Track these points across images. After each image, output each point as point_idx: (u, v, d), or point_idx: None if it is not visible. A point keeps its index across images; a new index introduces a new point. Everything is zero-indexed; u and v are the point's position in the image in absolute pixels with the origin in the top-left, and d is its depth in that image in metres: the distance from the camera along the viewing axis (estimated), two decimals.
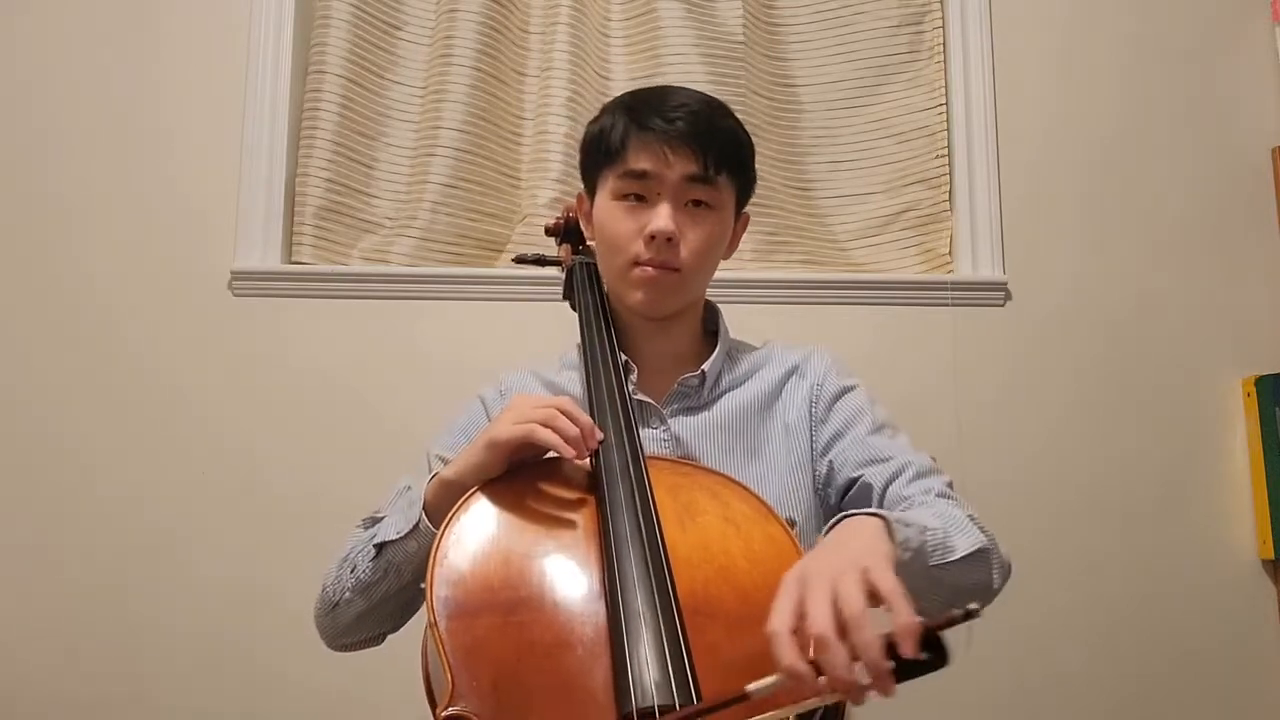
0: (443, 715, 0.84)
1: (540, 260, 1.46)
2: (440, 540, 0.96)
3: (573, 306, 1.31)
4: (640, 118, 1.17)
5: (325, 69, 2.15)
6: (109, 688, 1.93)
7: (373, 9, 2.21)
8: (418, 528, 1.05)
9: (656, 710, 0.81)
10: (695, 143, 1.15)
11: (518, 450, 1.03)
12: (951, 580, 0.96)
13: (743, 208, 1.26)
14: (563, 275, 1.38)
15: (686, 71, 2.17)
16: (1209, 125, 2.24)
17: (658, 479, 1.03)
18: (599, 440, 1.04)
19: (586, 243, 1.36)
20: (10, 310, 2.05)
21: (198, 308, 2.06)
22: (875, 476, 1.13)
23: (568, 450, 1.00)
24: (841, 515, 0.92)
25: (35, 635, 1.95)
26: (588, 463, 1.05)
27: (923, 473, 1.12)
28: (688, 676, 0.84)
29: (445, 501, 1.04)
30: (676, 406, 1.21)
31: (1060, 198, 2.20)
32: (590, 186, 1.25)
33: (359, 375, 2.05)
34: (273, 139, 2.11)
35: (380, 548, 1.08)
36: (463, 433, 1.23)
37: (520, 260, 1.49)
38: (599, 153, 1.21)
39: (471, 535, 0.97)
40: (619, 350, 1.20)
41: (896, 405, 1.28)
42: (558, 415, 1.02)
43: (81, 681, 1.93)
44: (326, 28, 2.17)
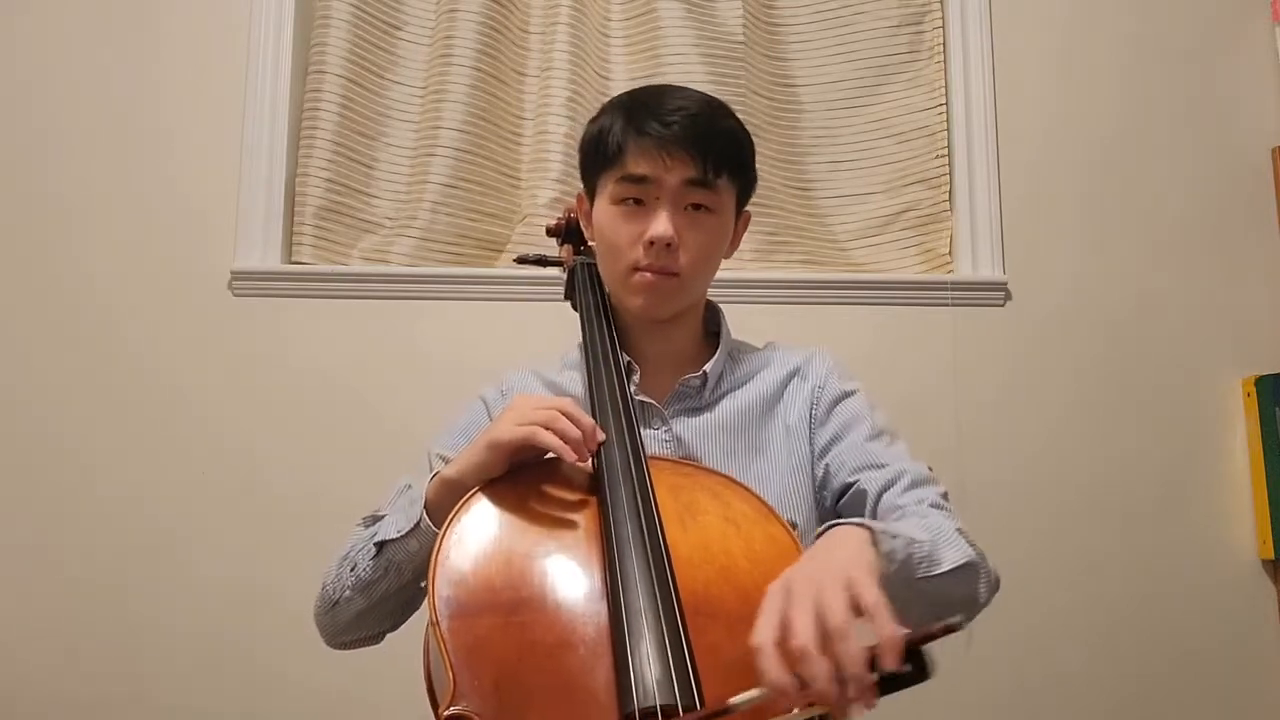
0: (444, 715, 0.84)
1: (542, 261, 1.45)
2: (442, 540, 0.96)
3: (574, 307, 1.31)
4: (638, 121, 1.16)
5: (325, 69, 2.15)
6: (109, 688, 1.93)
7: (373, 9, 2.21)
8: (418, 526, 1.05)
9: (658, 710, 0.81)
10: (693, 146, 1.14)
11: (519, 451, 1.03)
12: (937, 593, 0.96)
13: (743, 207, 1.25)
14: (564, 276, 1.38)
15: (686, 71, 2.17)
16: (1209, 125, 2.24)
17: (659, 479, 1.03)
18: (600, 441, 1.04)
19: (587, 243, 1.35)
20: (10, 310, 2.05)
21: (198, 308, 2.06)
22: (870, 483, 1.13)
23: (569, 453, 1.00)
24: (828, 525, 0.92)
25: (35, 635, 1.95)
26: (590, 463, 1.04)
27: (918, 482, 1.12)
28: (689, 676, 0.83)
29: (446, 500, 1.04)
30: (678, 407, 1.21)
31: (1060, 198, 2.20)
32: (590, 188, 1.24)
33: (359, 375, 2.05)
34: (273, 139, 2.11)
35: (381, 546, 1.07)
36: (463, 433, 1.22)
37: (522, 261, 1.49)
38: (597, 155, 1.20)
39: (473, 535, 0.97)
40: (621, 351, 1.20)
41: (896, 405, 1.28)
42: (560, 417, 1.02)
43: (81, 681, 1.93)
44: (326, 28, 2.17)
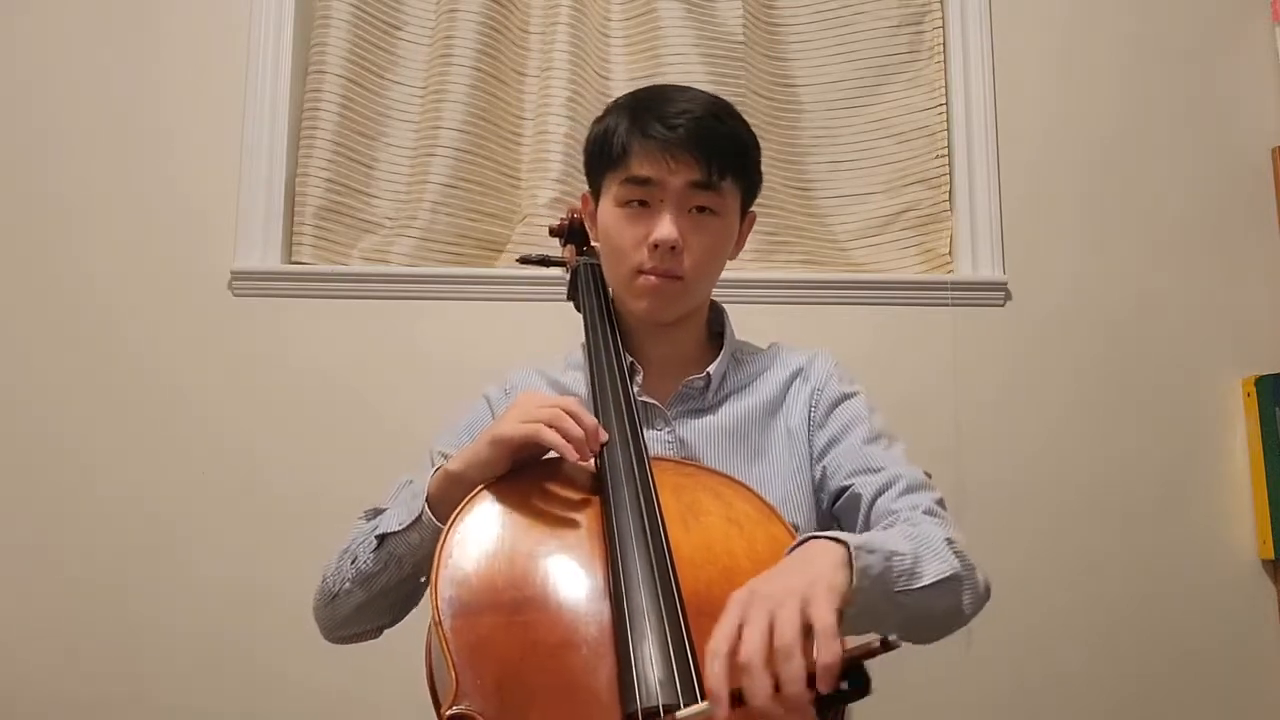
0: (447, 714, 0.84)
1: (545, 261, 1.45)
2: (445, 539, 0.96)
3: (577, 307, 1.31)
4: (643, 123, 1.16)
5: (325, 69, 2.15)
6: (109, 688, 1.93)
7: (373, 9, 2.21)
8: (420, 520, 1.05)
9: (661, 710, 0.80)
10: (698, 149, 1.14)
11: (522, 448, 1.03)
12: (916, 605, 0.94)
13: (748, 208, 1.26)
14: (567, 276, 1.38)
15: (686, 71, 2.17)
16: (1209, 125, 2.24)
17: (661, 479, 1.03)
18: (603, 441, 1.04)
19: (590, 244, 1.35)
20: (10, 310, 2.05)
21: (198, 308, 2.06)
22: (865, 487, 1.13)
23: (571, 453, 1.00)
24: (807, 537, 0.91)
25: (35, 635, 1.95)
26: (592, 463, 1.04)
27: (913, 487, 1.11)
28: (692, 676, 0.83)
29: (448, 495, 1.04)
30: (681, 408, 1.21)
31: (1060, 198, 2.20)
32: (594, 188, 1.24)
33: (359, 375, 2.05)
34: (273, 139, 2.11)
35: (382, 539, 1.08)
36: (466, 431, 1.23)
37: (525, 261, 1.49)
38: (602, 156, 1.20)
39: (476, 535, 0.97)
40: (624, 352, 1.19)
41: (896, 405, 1.28)
42: (563, 416, 1.02)
43: (81, 681, 1.93)
44: (326, 28, 2.17)
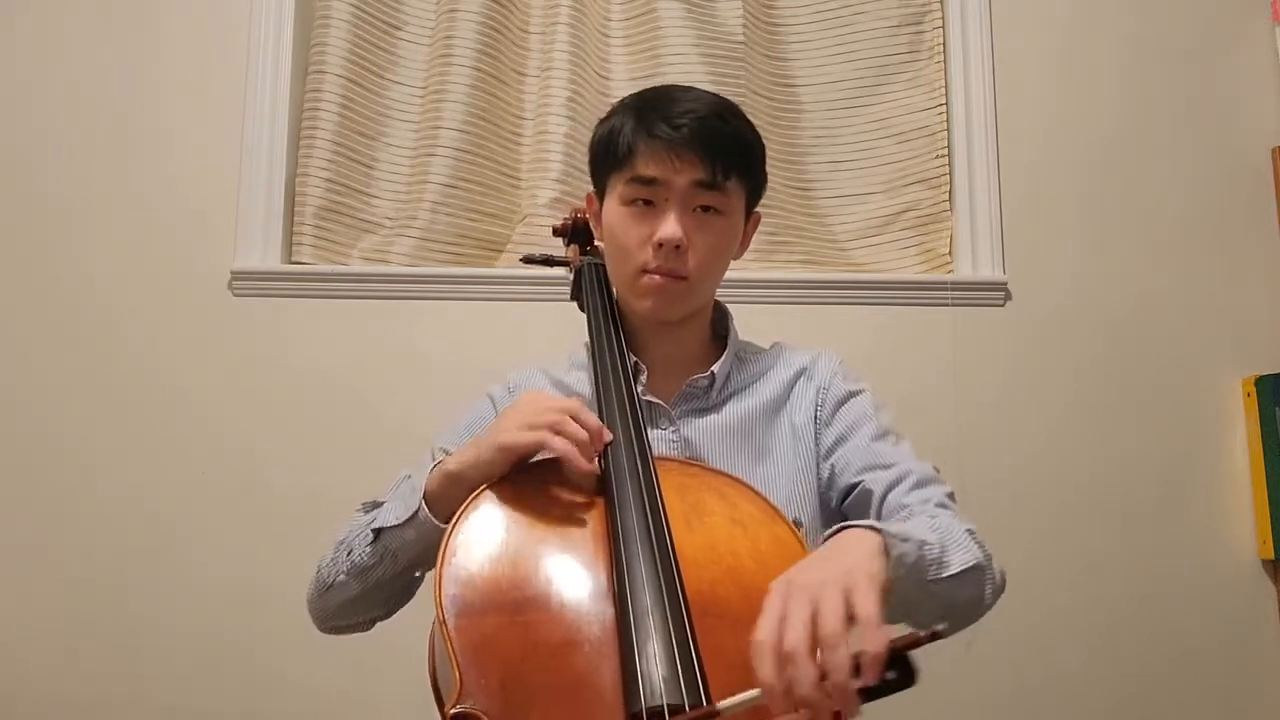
0: (451, 713, 0.84)
1: (549, 260, 1.45)
2: (449, 538, 0.96)
3: (581, 307, 1.31)
4: (647, 123, 1.16)
5: (325, 69, 2.15)
6: (109, 688, 1.93)
7: (373, 9, 2.21)
8: (416, 516, 1.05)
9: (666, 710, 0.81)
10: (702, 149, 1.15)
11: (527, 457, 1.03)
12: (944, 594, 0.95)
13: (753, 208, 1.26)
14: (570, 276, 1.37)
15: (686, 71, 2.17)
16: (1209, 125, 2.24)
17: (665, 479, 1.03)
18: (607, 441, 1.04)
19: (595, 243, 1.35)
20: (10, 310, 2.05)
21: (198, 308, 2.06)
22: (875, 483, 1.13)
23: (579, 461, 1.00)
24: (841, 526, 0.91)
25: (35, 635, 1.94)
26: (596, 463, 1.04)
27: (923, 481, 1.12)
28: (697, 676, 0.83)
29: (446, 494, 1.04)
30: (685, 408, 1.21)
31: (1060, 198, 2.20)
32: (599, 188, 1.25)
33: (359, 375, 2.05)
34: (273, 139, 2.11)
35: (378, 533, 1.08)
36: (468, 429, 1.23)
37: (529, 260, 1.49)
38: (607, 156, 1.20)
39: (480, 533, 0.97)
40: (628, 352, 1.20)
41: (896, 405, 1.28)
42: (568, 421, 1.02)
43: (81, 681, 1.93)
44: (326, 28, 2.17)
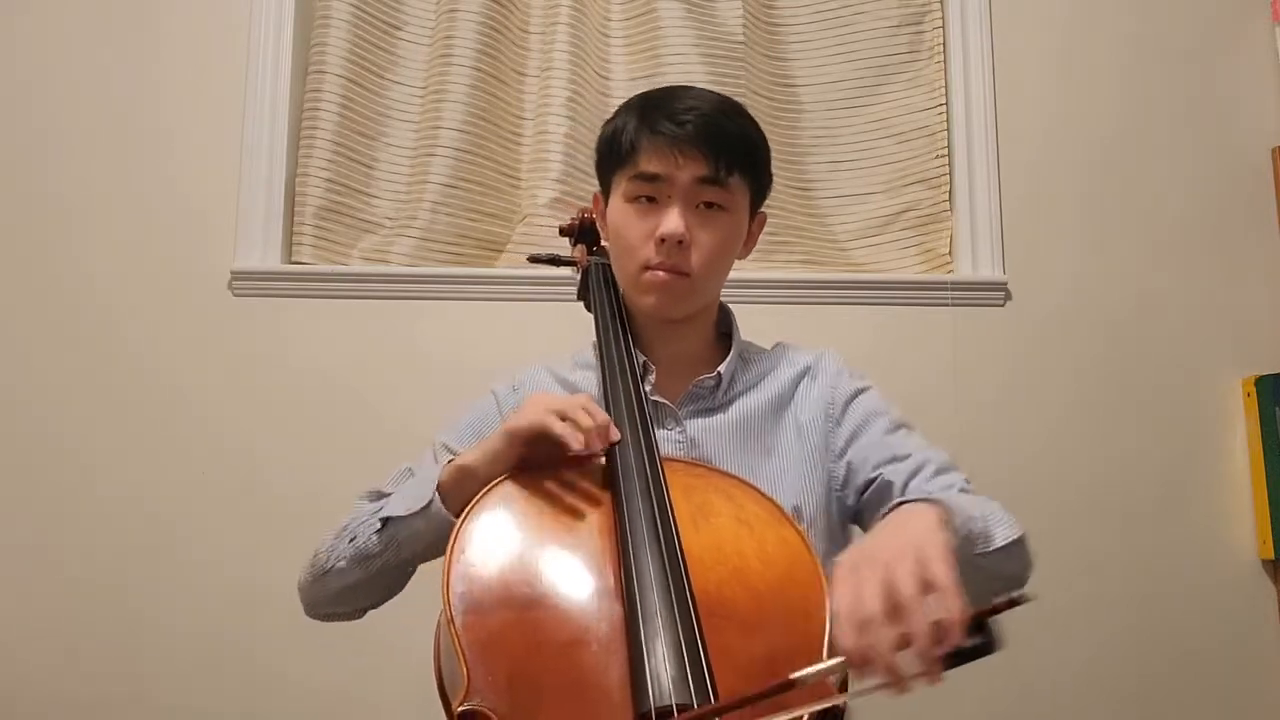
0: (458, 710, 0.84)
1: (555, 260, 1.45)
2: (457, 536, 0.96)
3: (587, 307, 1.31)
4: (651, 120, 1.17)
5: (325, 69, 2.15)
6: (109, 688, 1.93)
7: (373, 9, 2.21)
8: (428, 508, 1.05)
9: (674, 709, 0.80)
10: (705, 145, 1.16)
11: (532, 439, 1.03)
12: (990, 568, 0.98)
13: (758, 207, 1.27)
14: (577, 276, 1.38)
15: (686, 71, 2.16)
16: (1209, 125, 2.24)
17: (672, 480, 1.03)
18: (615, 440, 1.04)
19: (601, 243, 1.36)
20: (10, 310, 2.04)
21: (198, 308, 2.05)
22: (895, 474, 1.14)
23: (579, 440, 1.00)
24: (899, 501, 0.93)
25: (35, 635, 1.94)
26: (603, 462, 1.05)
27: (943, 469, 1.13)
28: (705, 675, 0.84)
29: (456, 487, 1.05)
30: (692, 408, 1.21)
31: (1060, 198, 2.20)
32: (604, 187, 1.25)
33: (359, 375, 2.05)
34: (273, 139, 2.11)
35: (386, 521, 1.08)
36: (470, 425, 1.24)
37: (535, 260, 1.49)
38: (612, 154, 1.21)
39: (488, 532, 0.97)
40: (636, 351, 1.20)
41: (896, 405, 1.28)
42: (575, 408, 1.03)
43: (81, 681, 1.93)
44: (326, 28, 2.16)
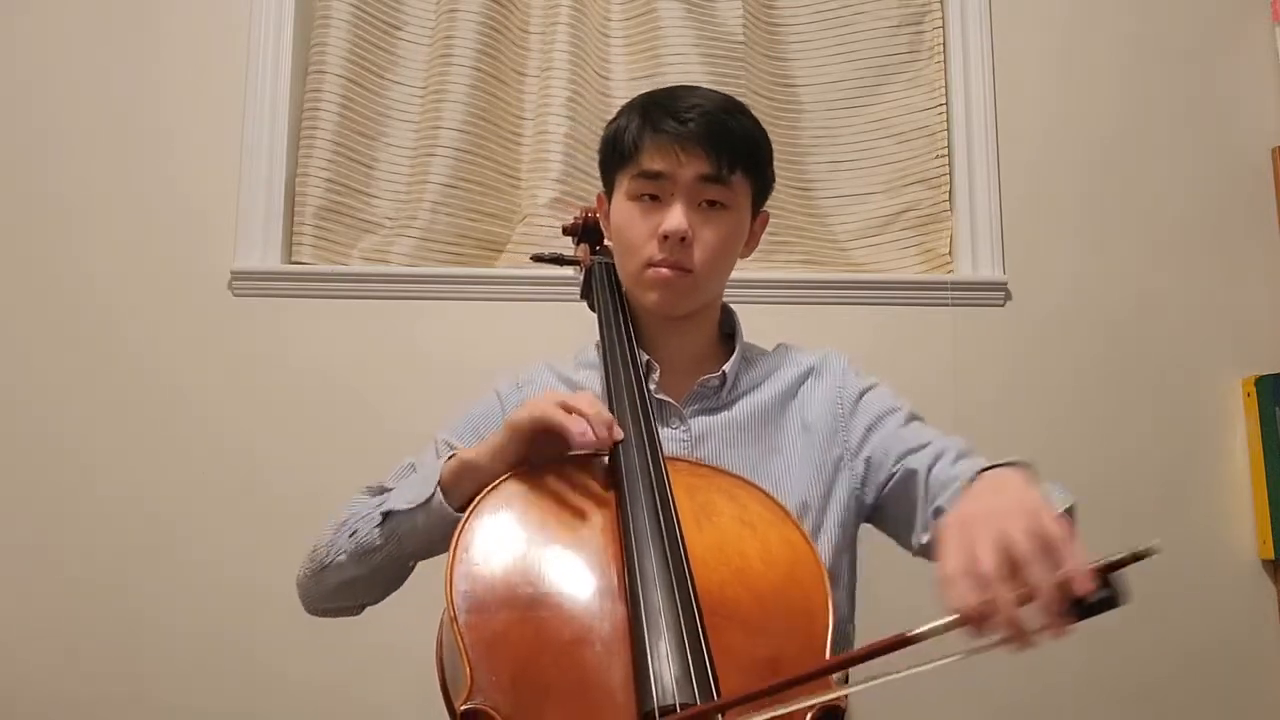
0: (461, 709, 0.84)
1: (559, 259, 1.46)
2: (460, 535, 0.96)
3: (591, 306, 1.31)
4: (654, 119, 1.18)
5: (325, 69, 2.15)
6: (109, 688, 1.93)
7: (373, 9, 2.21)
8: (430, 502, 1.05)
9: (678, 707, 0.81)
10: (708, 143, 1.16)
11: (535, 432, 1.03)
12: None
13: (761, 206, 1.27)
14: (580, 275, 1.38)
15: (686, 71, 2.16)
16: (1209, 125, 2.24)
17: (675, 479, 1.03)
18: (619, 439, 1.04)
19: (605, 243, 1.36)
20: (10, 310, 2.04)
21: (198, 308, 2.05)
22: (917, 462, 1.15)
23: (583, 430, 1.00)
24: (983, 468, 0.92)
25: (35, 635, 1.94)
26: (606, 461, 1.05)
27: (965, 453, 1.15)
28: (708, 675, 0.84)
29: (458, 482, 1.05)
30: (696, 407, 1.21)
31: (1060, 198, 2.20)
32: (608, 186, 1.26)
33: (359, 375, 2.05)
34: (273, 139, 2.11)
35: (387, 515, 1.08)
36: (473, 423, 1.24)
37: (539, 259, 1.49)
38: (615, 153, 1.22)
39: (492, 531, 0.97)
40: (640, 350, 1.20)
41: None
42: (578, 401, 1.03)
43: (81, 681, 1.93)
44: (326, 28, 2.16)
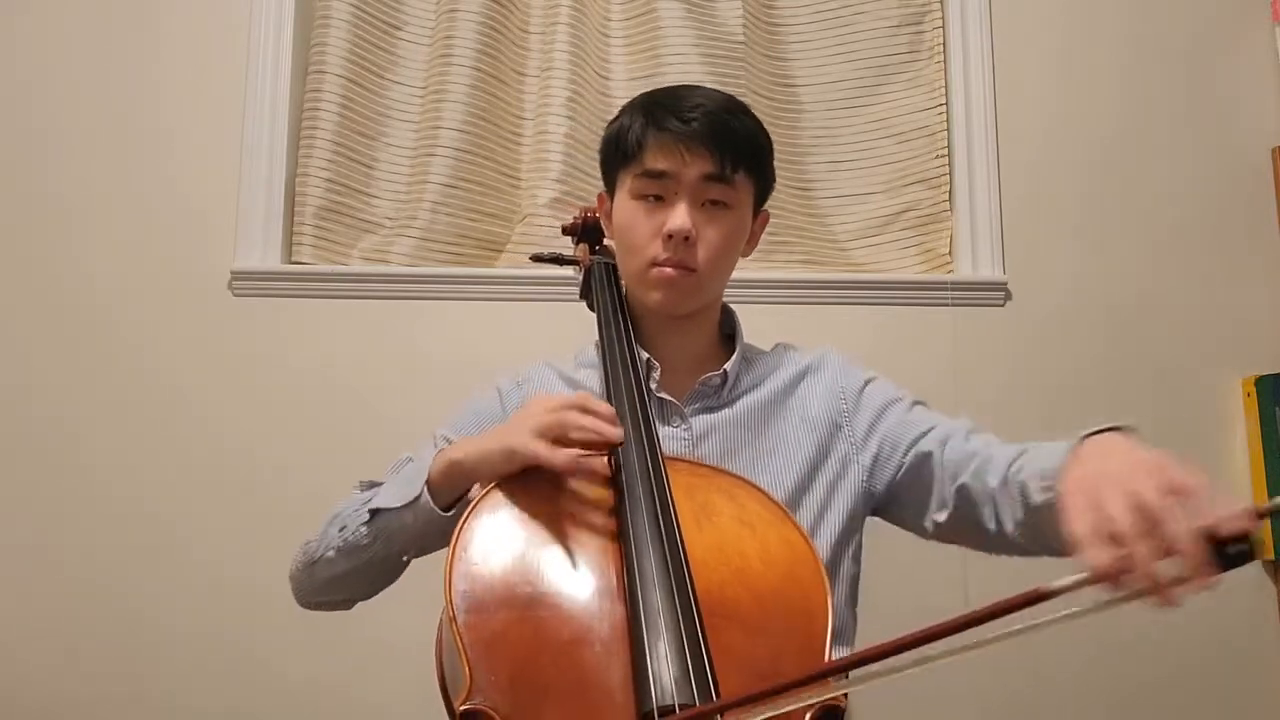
0: (460, 709, 0.84)
1: (558, 259, 1.45)
2: (459, 534, 0.96)
3: (590, 306, 1.31)
4: (657, 118, 1.18)
5: (325, 69, 2.15)
6: (109, 688, 1.93)
7: (373, 9, 2.21)
8: (417, 501, 1.05)
9: (677, 708, 0.81)
10: (712, 143, 1.16)
11: (524, 465, 1.02)
12: None
13: (762, 205, 1.27)
14: (580, 275, 1.38)
15: (686, 71, 2.16)
16: (1209, 125, 2.24)
17: (675, 479, 1.03)
18: (618, 442, 1.03)
19: (604, 242, 1.36)
20: (10, 310, 2.04)
21: (198, 308, 2.05)
22: (928, 445, 1.16)
23: (570, 465, 1.00)
24: (1087, 434, 0.91)
25: (35, 635, 1.94)
26: (606, 460, 1.05)
27: (975, 430, 1.15)
28: (707, 675, 0.84)
29: (449, 481, 1.04)
30: (698, 405, 1.21)
31: (1060, 198, 2.20)
32: (609, 185, 1.26)
33: (359, 375, 2.05)
34: (273, 139, 2.11)
35: (375, 513, 1.08)
36: (472, 419, 1.24)
37: (538, 259, 1.49)
38: (617, 152, 1.22)
39: (491, 530, 0.97)
40: (641, 348, 1.20)
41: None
42: (571, 426, 1.01)
43: (81, 681, 1.93)
44: (326, 28, 2.16)
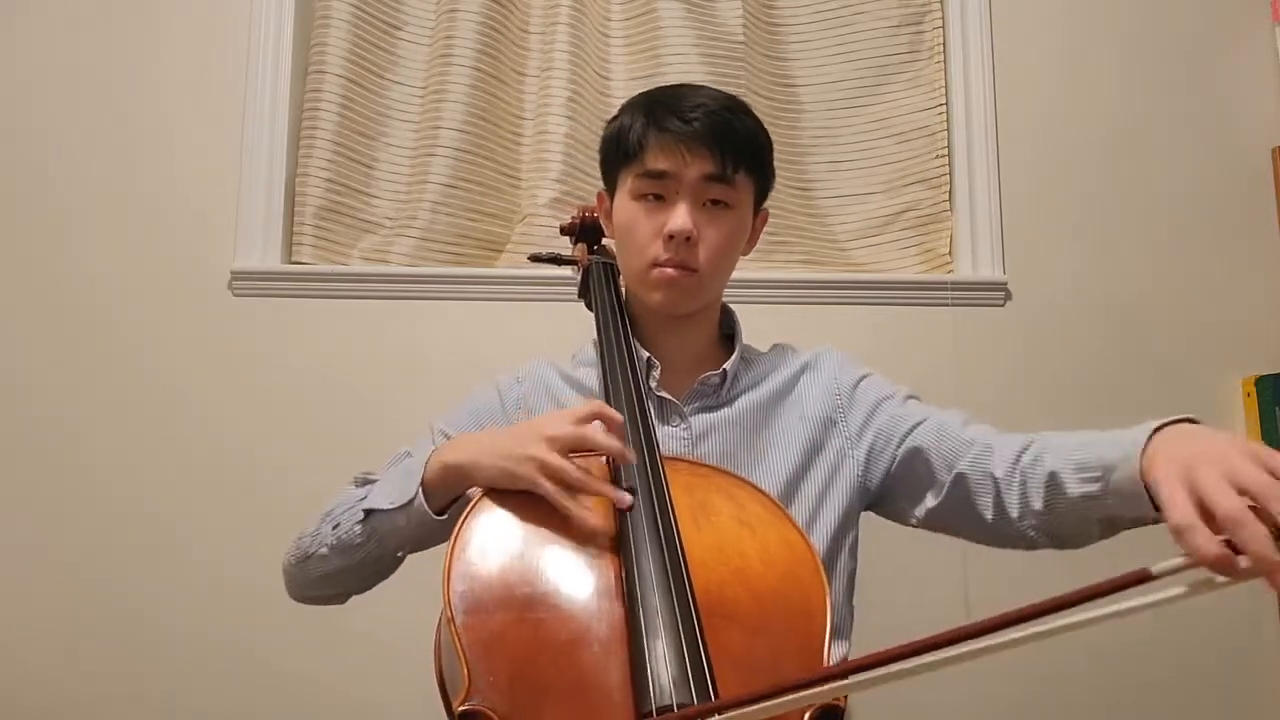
0: (459, 710, 0.84)
1: (557, 259, 1.45)
2: (458, 534, 0.96)
3: (589, 306, 1.31)
4: (658, 118, 1.17)
5: (325, 69, 2.15)
6: (109, 688, 1.93)
7: (373, 9, 2.21)
8: (411, 503, 1.05)
9: (675, 708, 0.81)
10: (713, 143, 1.16)
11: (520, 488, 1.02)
12: None
13: (761, 205, 1.27)
14: (578, 275, 1.38)
15: (686, 72, 2.16)
16: (1209, 125, 2.24)
17: (673, 478, 1.03)
18: (629, 461, 1.02)
19: (602, 242, 1.36)
20: (10, 310, 2.04)
21: (198, 308, 2.05)
22: (922, 437, 1.15)
23: (568, 507, 0.98)
24: (1157, 426, 0.88)
25: (35, 635, 1.94)
26: (605, 460, 1.05)
27: (970, 420, 1.15)
28: (706, 675, 0.84)
29: (444, 484, 1.04)
30: (697, 404, 1.21)
31: (1060, 198, 2.20)
32: (610, 185, 1.25)
33: (359, 375, 2.05)
34: (273, 139, 2.11)
35: (368, 513, 1.08)
36: (471, 416, 1.24)
37: (536, 259, 1.49)
38: (618, 152, 1.21)
39: (489, 531, 0.97)
40: (641, 347, 1.20)
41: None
42: (599, 439, 1.01)
43: (81, 681, 1.93)
44: (326, 28, 2.16)
